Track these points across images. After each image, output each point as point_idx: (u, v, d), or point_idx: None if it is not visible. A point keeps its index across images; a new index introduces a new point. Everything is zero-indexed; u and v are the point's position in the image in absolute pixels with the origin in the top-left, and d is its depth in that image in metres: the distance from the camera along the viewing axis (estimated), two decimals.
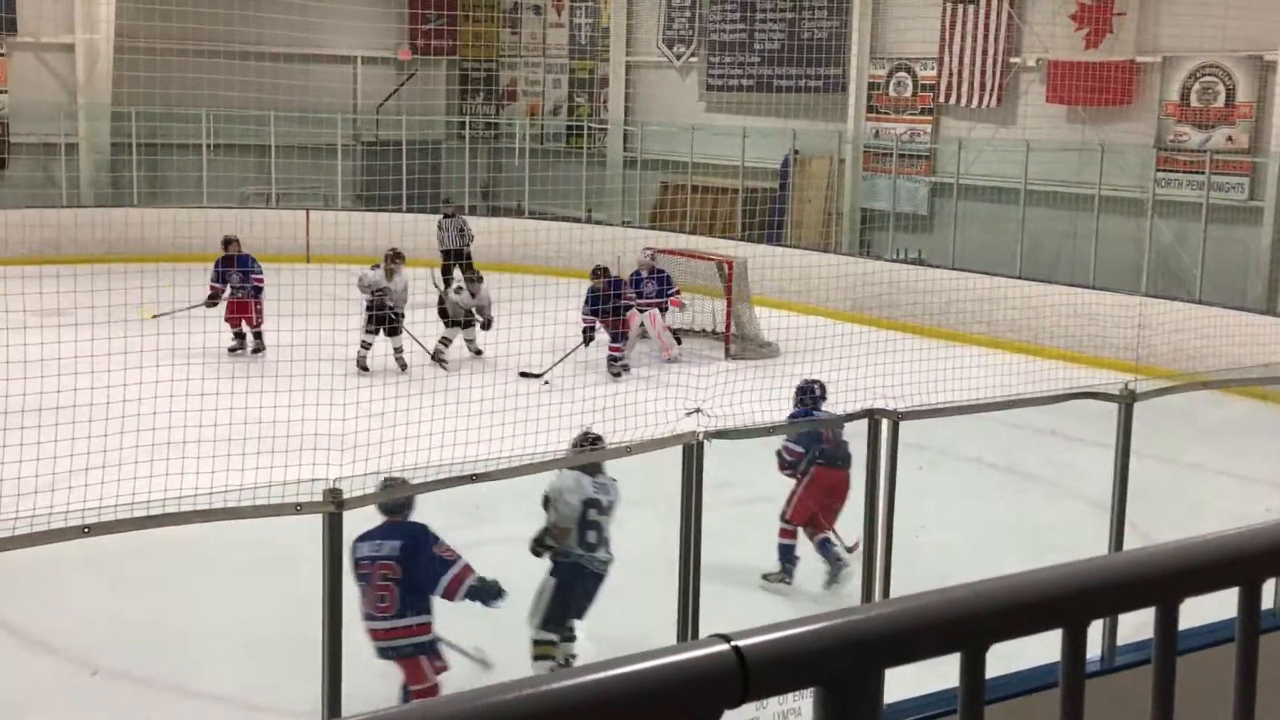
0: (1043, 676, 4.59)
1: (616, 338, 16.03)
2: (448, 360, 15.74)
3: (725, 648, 1.33)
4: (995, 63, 20.43)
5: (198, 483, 5.78)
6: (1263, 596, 1.75)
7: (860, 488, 6.74)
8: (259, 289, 15.88)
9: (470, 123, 26.90)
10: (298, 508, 5.32)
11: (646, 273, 16.77)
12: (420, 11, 27.35)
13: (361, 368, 14.85)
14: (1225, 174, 17.89)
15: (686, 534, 6.30)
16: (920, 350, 13.21)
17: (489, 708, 1.23)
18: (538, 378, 15.07)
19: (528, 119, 27.11)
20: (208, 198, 23.64)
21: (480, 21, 27.89)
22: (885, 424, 6.74)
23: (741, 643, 1.34)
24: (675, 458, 6.14)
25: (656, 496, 9.27)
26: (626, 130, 25.89)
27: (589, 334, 15.94)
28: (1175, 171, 18.41)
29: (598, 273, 16.12)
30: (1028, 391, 8.42)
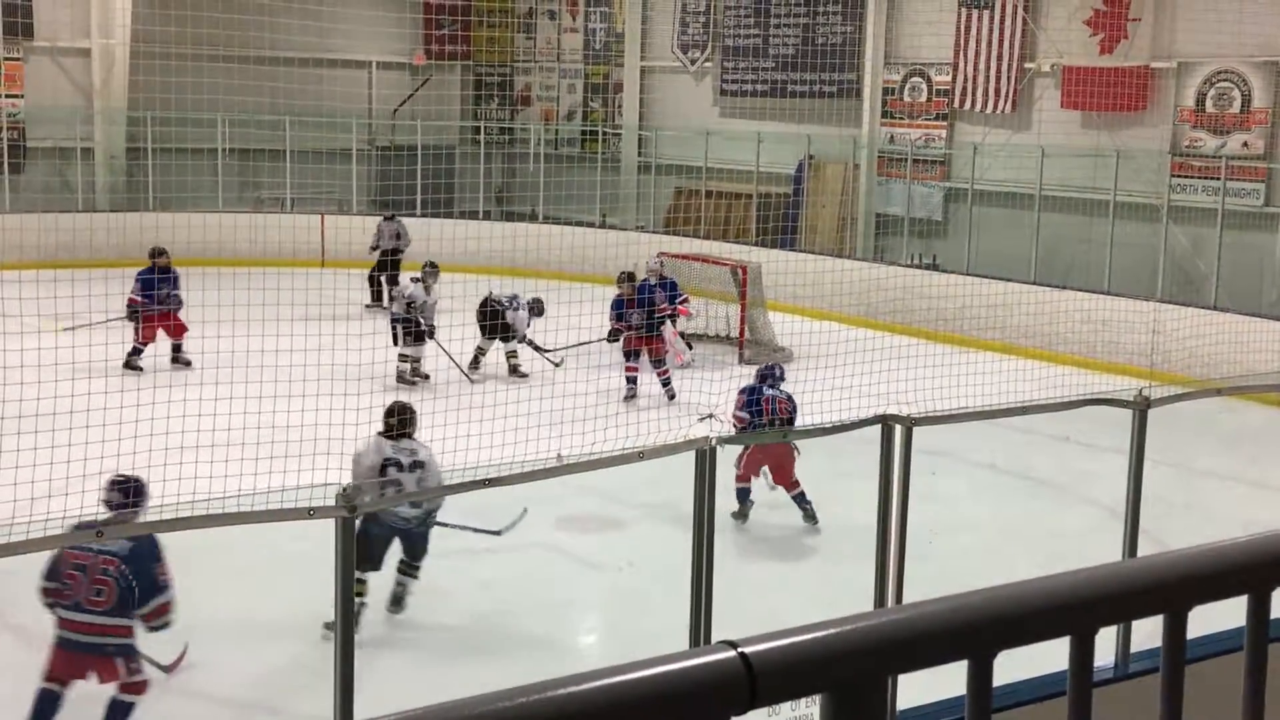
0: (1052, 684, 4.57)
1: (630, 355, 15.04)
2: (415, 379, 14.96)
3: (732, 654, 1.33)
4: (1010, 68, 20.40)
5: (210, 487, 5.80)
6: (1275, 605, 1.75)
7: (873, 493, 6.72)
8: (181, 302, 15.25)
9: (485, 128, 26.94)
10: (311, 512, 5.33)
11: (657, 280, 16.66)
12: (435, 17, 27.41)
13: (406, 383, 14.54)
14: (1241, 180, 17.82)
15: (699, 539, 6.29)
16: (934, 356, 13.20)
17: (496, 713, 1.23)
18: (555, 363, 15.30)
19: (542, 124, 27.14)
20: (223, 202, 23.72)
21: (495, 26, 27.93)
22: (899, 429, 6.73)
23: (749, 649, 1.34)
24: (689, 463, 6.14)
25: (677, 500, 9.27)
26: (641, 135, 25.90)
27: (614, 335, 15.29)
28: (1190, 177, 18.35)
29: (623, 279, 15.47)
30: (1041, 397, 8.41)
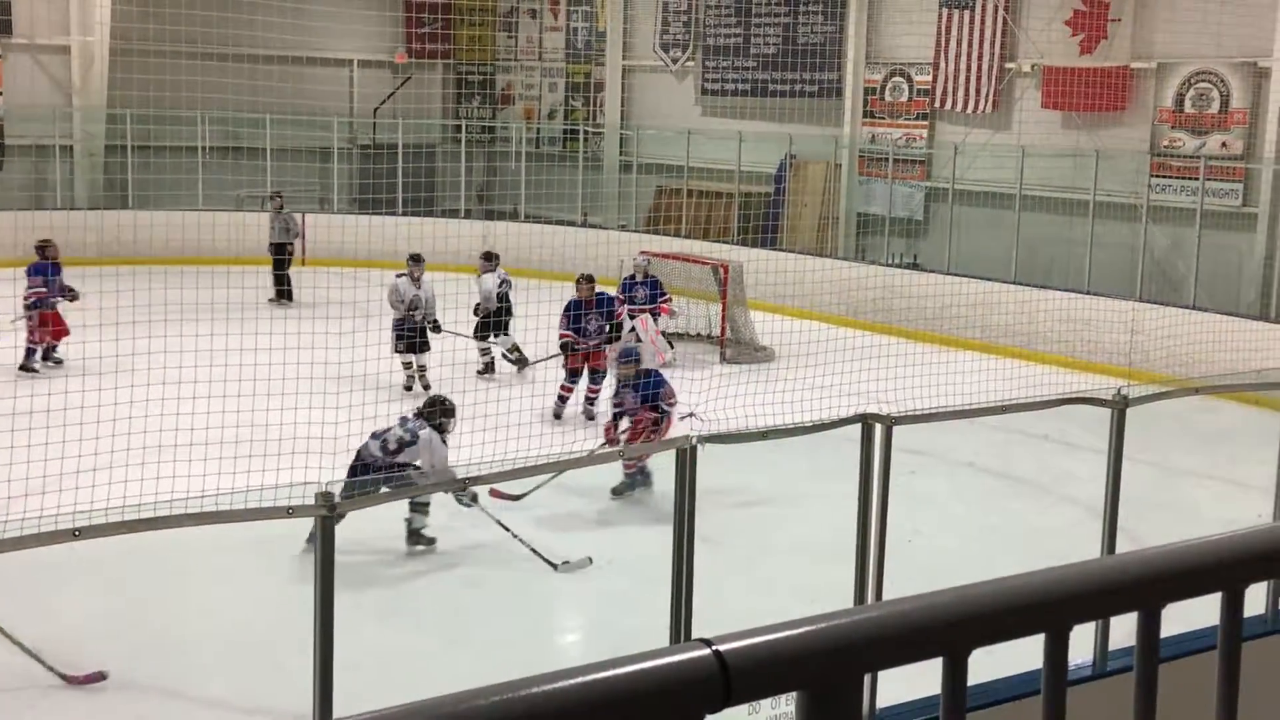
0: (1029, 682, 4.59)
1: (596, 376, 13.91)
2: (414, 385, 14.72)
3: (707, 652, 1.33)
4: (990, 68, 20.46)
5: (189, 486, 5.78)
6: (1261, 600, 1.75)
7: (853, 492, 6.73)
8: (76, 295, 14.83)
9: (466, 126, 26.90)
10: (290, 511, 5.32)
11: (642, 277, 16.62)
12: (416, 15, 27.36)
13: (408, 389, 14.39)
14: (1219, 180, 17.91)
15: (679, 538, 6.29)
16: (915, 355, 13.24)
17: (470, 711, 1.23)
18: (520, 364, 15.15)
19: (524, 123, 27.11)
20: (203, 200, 23.63)
21: (476, 25, 27.90)
22: (879, 428, 6.74)
23: (723, 647, 1.34)
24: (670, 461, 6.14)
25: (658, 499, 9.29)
26: (623, 134, 25.90)
27: (568, 348, 14.10)
28: (1169, 177, 18.43)
29: (581, 282, 14.48)
30: (1022, 396, 8.43)
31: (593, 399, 13.85)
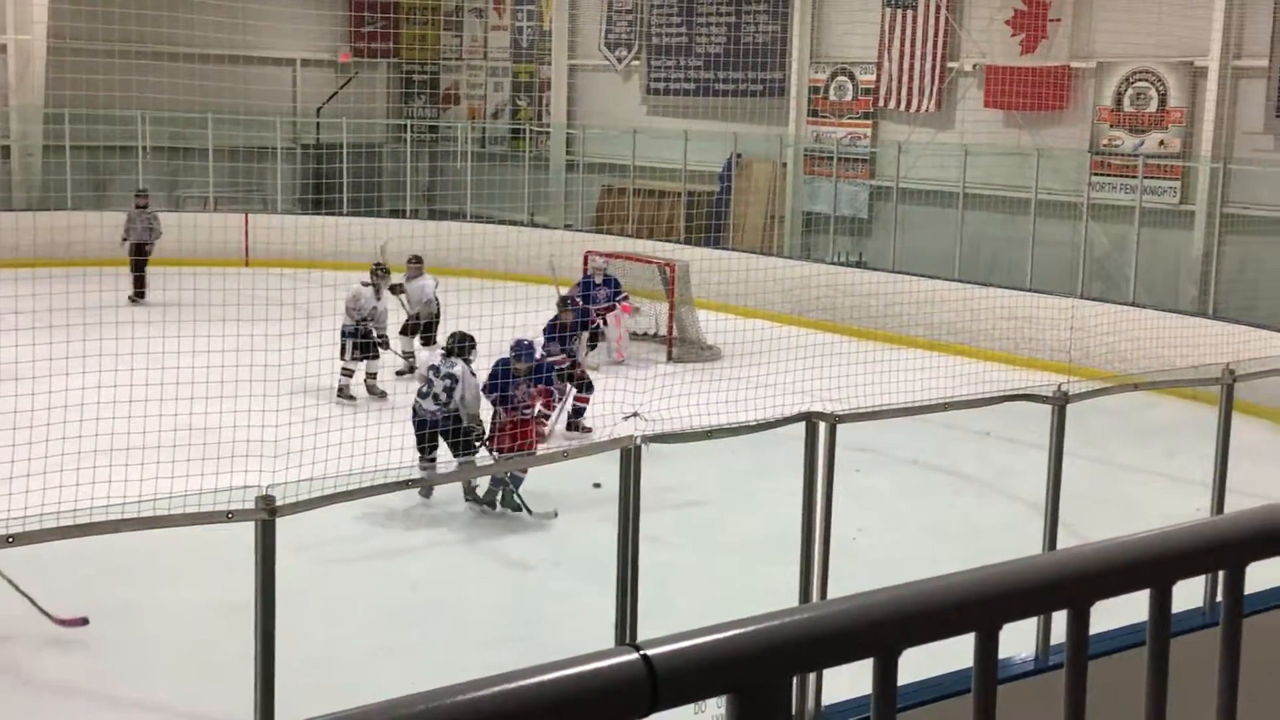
0: (966, 680, 4.62)
1: (584, 386, 13.73)
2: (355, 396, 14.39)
3: (634, 656, 1.32)
4: (933, 67, 20.60)
5: (126, 490, 5.70)
6: (1199, 594, 1.76)
7: (798, 491, 6.75)
8: None
9: (411, 126, 26.77)
10: (229, 515, 5.26)
11: (601, 278, 16.67)
12: (360, 14, 27.18)
13: (346, 397, 14.01)
14: (1157, 178, 18.13)
15: (624, 538, 6.28)
16: (861, 353, 13.29)
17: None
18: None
19: (469, 122, 27.01)
20: None
21: (421, 24, 27.76)
22: (823, 427, 6.76)
23: (651, 651, 1.33)
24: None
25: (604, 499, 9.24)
26: (569, 133, 25.86)
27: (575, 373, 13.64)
28: (1109, 175, 18.64)
29: (567, 304, 14.26)
30: (965, 393, 8.48)
31: (581, 408, 13.57)
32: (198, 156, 23.78)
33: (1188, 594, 1.82)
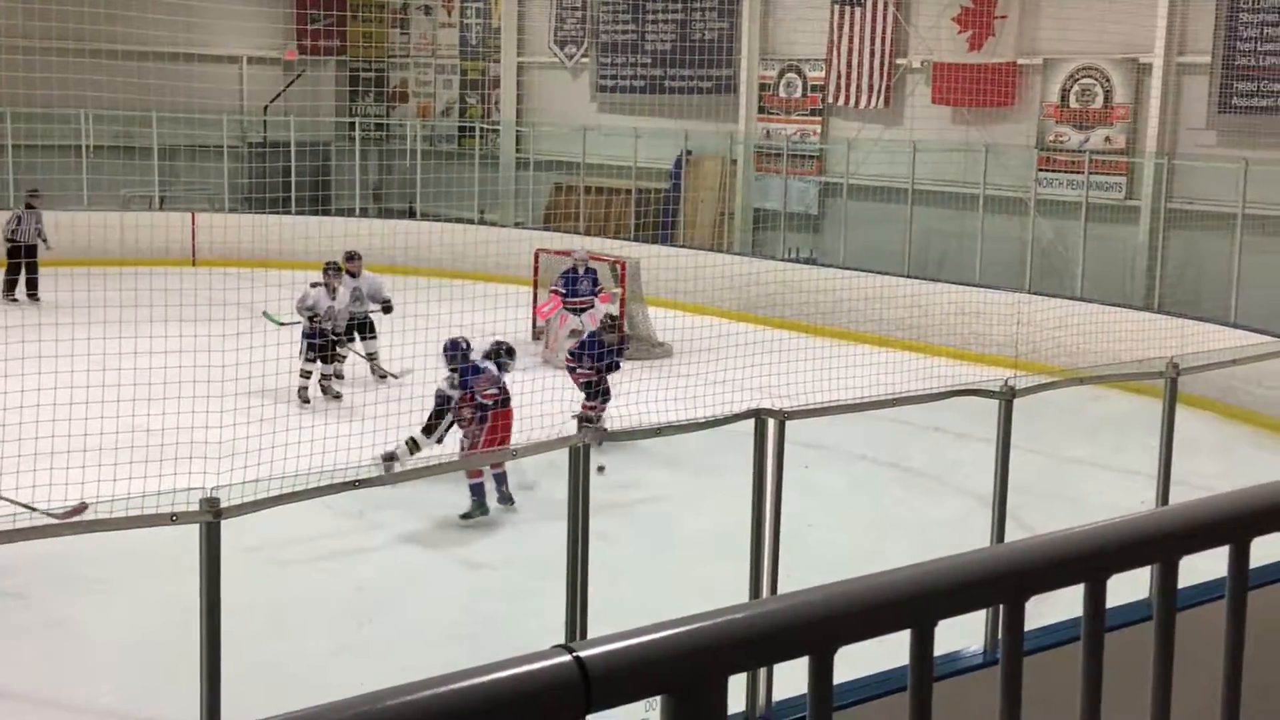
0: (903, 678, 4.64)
1: (599, 394, 12.88)
2: (312, 398, 14.26)
3: (567, 658, 1.31)
4: (882, 64, 20.70)
5: (68, 494, 5.63)
6: (1162, 585, 1.78)
7: (746, 488, 6.76)
8: None
9: (360, 124, 26.60)
10: (173, 518, 5.21)
11: (583, 270, 16.74)
12: (307, 12, 26.98)
13: (303, 400, 13.92)
14: (1104, 174, 18.31)
15: (574, 536, 6.27)
16: (811, 349, 13.33)
17: None
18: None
19: (419, 120, 26.88)
20: (88, 201, 23.08)
21: (369, 21, 27.59)
22: (772, 423, 6.78)
23: (584, 653, 1.32)
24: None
25: (553, 497, 9.22)
26: (519, 131, 25.79)
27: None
28: (1056, 171, 18.80)
29: (613, 323, 13.75)
30: (915, 389, 8.54)
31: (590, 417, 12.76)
32: (143, 156, 23.52)
33: (1133, 587, 1.84)
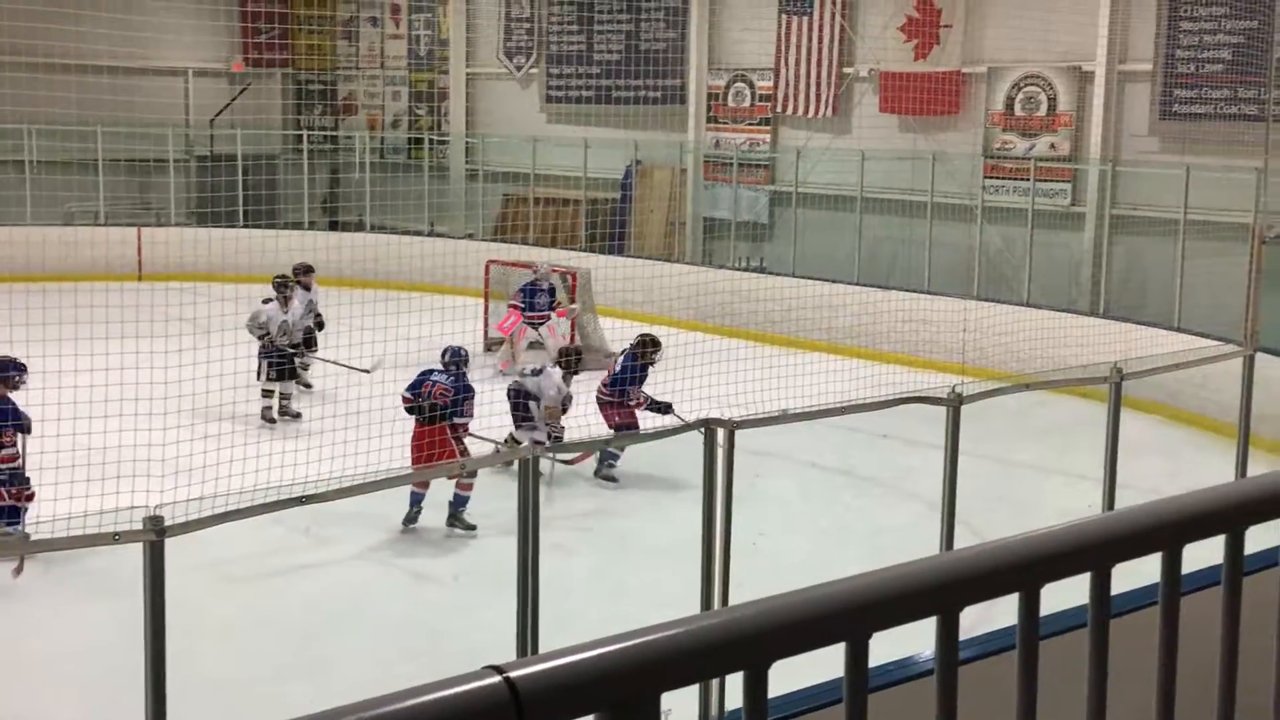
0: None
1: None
2: (275, 418, 14.09)
3: (497, 679, 1.30)
4: (829, 73, 20.81)
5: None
6: (1096, 593, 1.78)
7: (697, 498, 6.77)
8: None
9: (308, 136, 26.44)
10: (116, 537, 5.15)
11: (546, 285, 16.81)
12: (253, 25, 26.80)
13: (268, 421, 13.78)
14: (1049, 181, 18.49)
15: (524, 550, 6.25)
16: (763, 358, 13.36)
17: None
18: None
19: (367, 132, 26.76)
20: (31, 216, 22.81)
21: (315, 33, 27.45)
22: (721, 433, 6.79)
23: (514, 673, 1.31)
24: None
25: (504, 510, 9.17)
26: (468, 142, 25.73)
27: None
28: (1002, 178, 18.96)
29: (654, 347, 12.74)
30: (866, 396, 8.58)
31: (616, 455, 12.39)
32: (87, 170, 23.26)
33: (1074, 593, 1.85)
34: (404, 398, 10.65)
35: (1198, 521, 1.77)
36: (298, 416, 14.15)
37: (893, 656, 3.41)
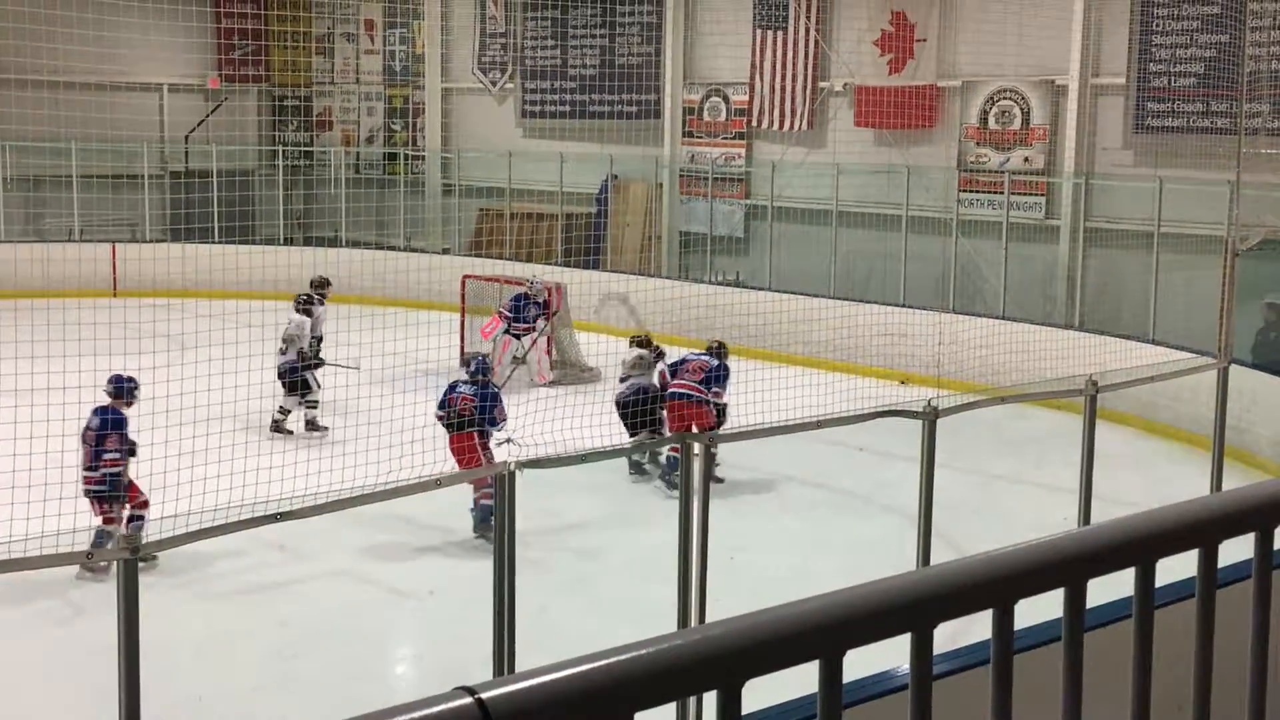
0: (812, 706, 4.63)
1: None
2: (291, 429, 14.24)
3: (468, 701, 1.29)
4: (804, 87, 20.88)
5: None
6: (1070, 607, 1.78)
7: (674, 513, 6.77)
8: None
9: (284, 152, 26.39)
10: (89, 555, 5.12)
11: (540, 300, 16.90)
12: (227, 41, 26.75)
13: (281, 431, 13.90)
14: (1023, 194, 18.58)
15: (501, 565, 6.23)
16: (739, 372, 13.36)
17: None
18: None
19: (343, 147, 26.72)
20: (4, 233, 22.70)
21: (291, 49, 27.40)
22: (698, 447, 6.80)
23: (486, 694, 1.30)
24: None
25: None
26: (444, 157, 25.71)
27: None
28: (977, 192, 19.05)
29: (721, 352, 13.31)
30: (844, 410, 8.58)
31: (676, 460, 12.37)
32: (61, 187, 23.15)
33: (1048, 607, 1.85)
34: (437, 416, 10.85)
35: (1172, 536, 1.77)
36: (325, 430, 14.14)
37: (868, 671, 3.41)
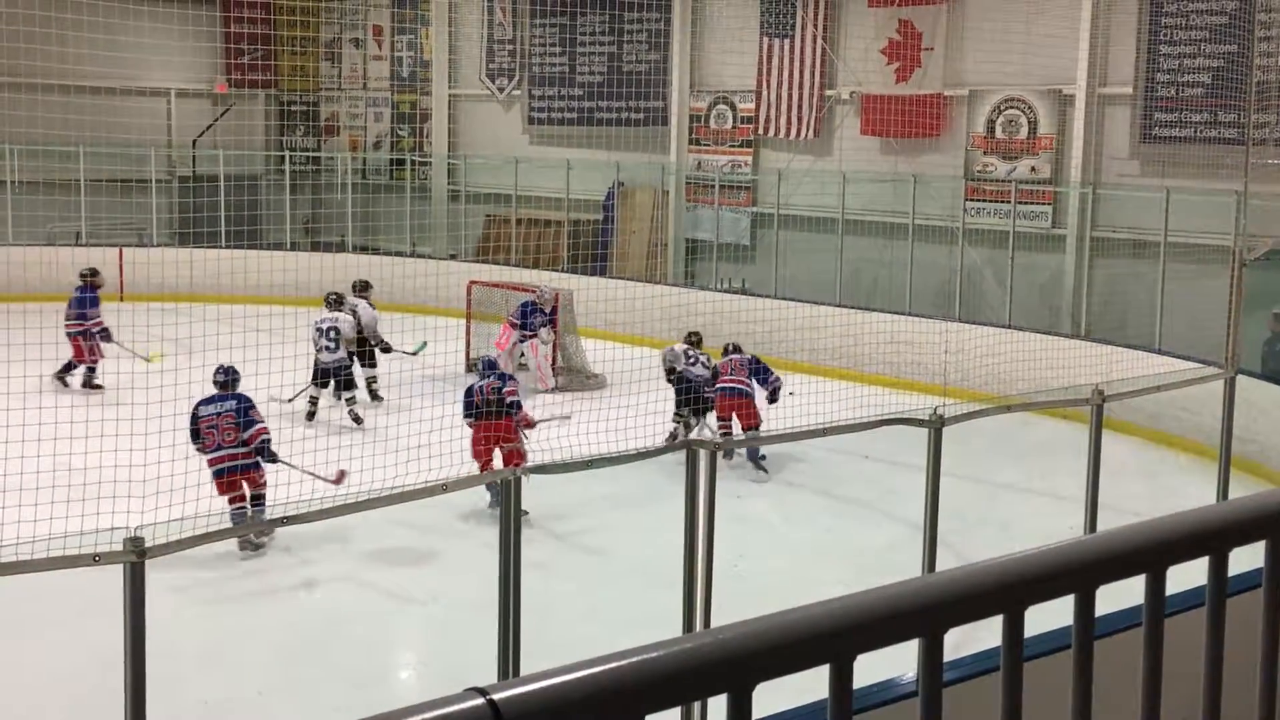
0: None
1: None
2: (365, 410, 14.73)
3: (480, 702, 1.30)
4: (811, 95, 20.89)
5: None
6: (1080, 614, 1.78)
7: (680, 519, 6.77)
8: None
9: (290, 157, 26.42)
10: (96, 558, 5.12)
11: (549, 309, 16.99)
12: (236, 46, 26.80)
13: (357, 420, 14.33)
14: (1030, 203, 18.57)
15: (506, 569, 6.23)
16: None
17: None
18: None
19: (350, 152, 26.75)
20: (13, 236, 22.73)
21: (299, 54, 27.45)
22: (704, 455, 6.79)
23: (497, 695, 1.31)
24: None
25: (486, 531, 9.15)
26: (450, 163, 25.74)
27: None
28: (983, 201, 19.04)
29: (737, 350, 14.00)
30: (849, 417, 8.58)
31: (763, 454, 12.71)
32: (69, 191, 23.19)
33: (1059, 615, 1.85)
34: (467, 422, 11.06)
35: (1182, 543, 1.77)
36: (359, 421, 14.45)
37: (877, 678, 3.41)
